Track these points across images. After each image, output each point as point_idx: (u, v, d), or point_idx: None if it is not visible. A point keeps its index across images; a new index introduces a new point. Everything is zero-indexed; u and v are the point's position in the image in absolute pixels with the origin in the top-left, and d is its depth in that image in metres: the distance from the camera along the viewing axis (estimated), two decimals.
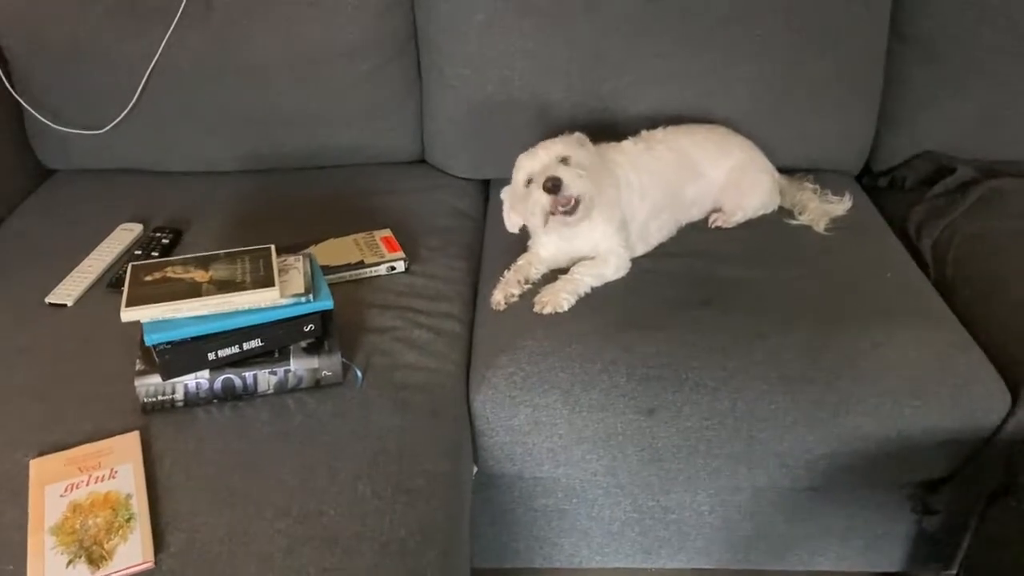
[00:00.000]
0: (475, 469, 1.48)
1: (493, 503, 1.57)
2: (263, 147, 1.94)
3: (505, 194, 1.62)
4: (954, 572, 1.57)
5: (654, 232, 1.66)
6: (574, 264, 1.56)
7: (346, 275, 1.58)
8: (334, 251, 1.63)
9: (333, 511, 1.14)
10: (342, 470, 1.19)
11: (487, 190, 1.99)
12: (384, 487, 1.18)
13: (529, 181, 1.49)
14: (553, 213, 1.45)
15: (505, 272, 1.59)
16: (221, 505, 1.13)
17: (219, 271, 1.30)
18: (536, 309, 1.49)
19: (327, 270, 1.50)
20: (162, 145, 1.93)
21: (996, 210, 1.74)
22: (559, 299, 1.49)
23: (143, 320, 1.23)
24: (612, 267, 1.56)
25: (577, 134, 1.56)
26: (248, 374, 1.28)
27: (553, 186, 1.41)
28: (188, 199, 1.86)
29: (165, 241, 1.68)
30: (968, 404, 1.37)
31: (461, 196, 1.92)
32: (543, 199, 1.43)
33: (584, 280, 1.53)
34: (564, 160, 1.47)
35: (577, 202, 1.44)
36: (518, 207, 1.56)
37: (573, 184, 1.42)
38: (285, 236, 1.43)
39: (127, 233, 1.71)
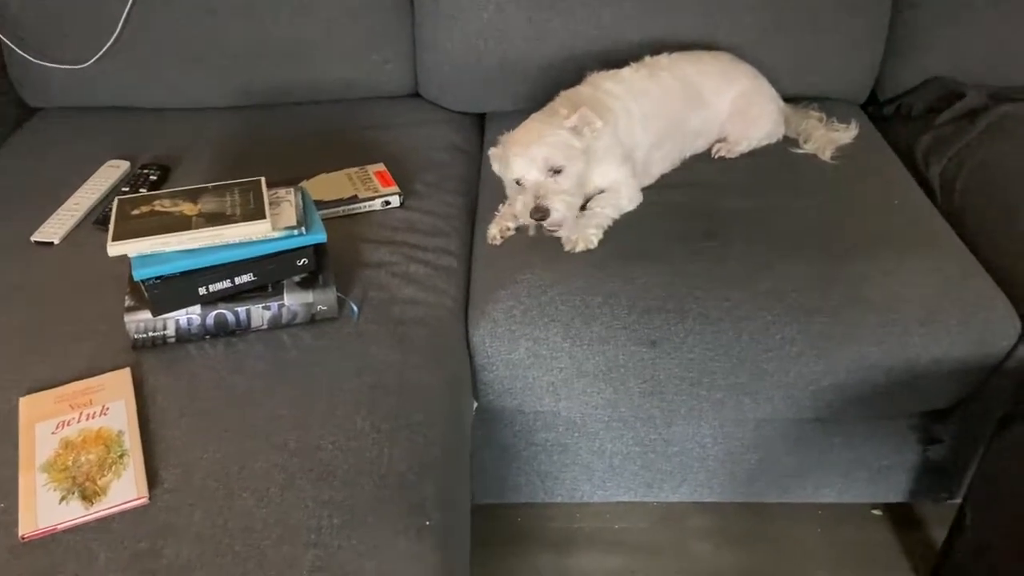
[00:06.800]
0: (475, 405, 1.46)
1: (494, 439, 1.55)
2: (252, 82, 1.88)
3: (492, 155, 1.56)
4: (958, 501, 1.56)
5: (657, 163, 1.62)
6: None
7: (339, 210, 1.54)
8: (326, 186, 1.58)
9: (331, 445, 1.11)
10: (340, 404, 1.17)
11: (482, 123, 1.94)
12: (383, 421, 1.16)
13: (518, 181, 1.46)
14: None
15: (500, 206, 1.56)
16: (216, 440, 1.11)
17: (208, 204, 1.26)
18: (567, 248, 1.45)
19: (320, 205, 1.45)
20: (148, 80, 1.87)
21: (1005, 137, 1.69)
22: (588, 235, 1.45)
23: (131, 254, 1.20)
24: (625, 197, 1.53)
25: (577, 115, 1.45)
26: (241, 309, 1.25)
27: (540, 218, 1.42)
28: (176, 136, 1.80)
29: (153, 178, 1.63)
30: (977, 331, 1.35)
31: (456, 130, 1.87)
32: (528, 219, 1.43)
33: (605, 212, 1.49)
34: (556, 171, 1.43)
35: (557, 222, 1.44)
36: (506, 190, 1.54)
37: (558, 212, 1.42)
38: (276, 172, 1.38)
39: (114, 170, 1.66)
